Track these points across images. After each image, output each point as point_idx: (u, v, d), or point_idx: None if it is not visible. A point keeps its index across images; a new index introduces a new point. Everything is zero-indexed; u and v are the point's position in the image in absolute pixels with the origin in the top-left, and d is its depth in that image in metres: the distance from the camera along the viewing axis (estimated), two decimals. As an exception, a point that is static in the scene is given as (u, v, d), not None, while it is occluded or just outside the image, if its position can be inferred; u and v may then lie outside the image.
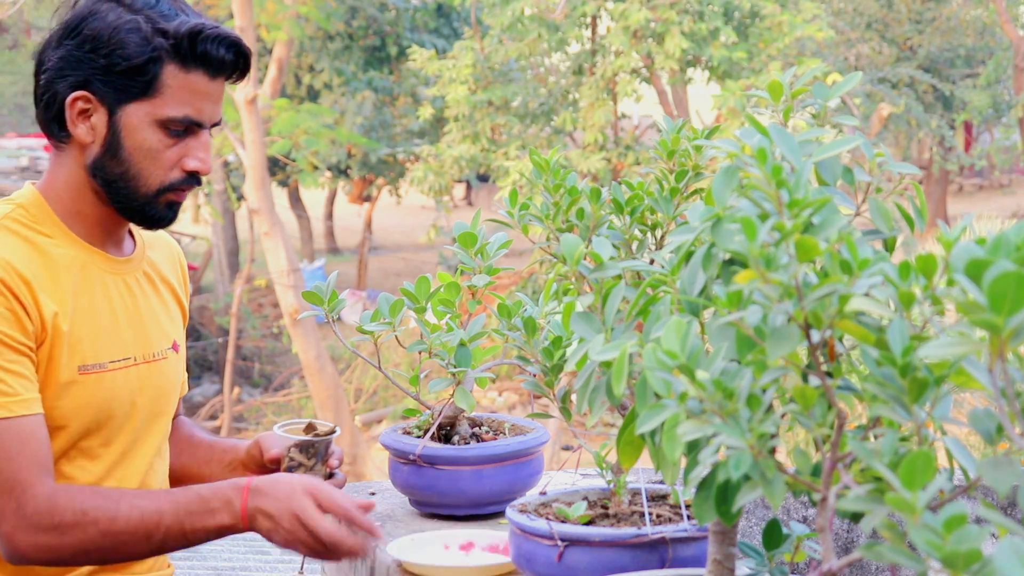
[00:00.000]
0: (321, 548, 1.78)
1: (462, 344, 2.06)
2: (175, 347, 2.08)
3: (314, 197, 23.92)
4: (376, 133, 17.80)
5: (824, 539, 1.12)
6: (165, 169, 1.89)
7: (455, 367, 2.05)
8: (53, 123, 1.90)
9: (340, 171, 19.00)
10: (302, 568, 2.11)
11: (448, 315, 2.10)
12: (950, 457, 1.12)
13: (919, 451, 0.96)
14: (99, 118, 1.87)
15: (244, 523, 1.79)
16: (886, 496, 0.98)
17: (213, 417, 14.49)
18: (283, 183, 19.02)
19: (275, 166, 16.03)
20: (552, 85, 13.47)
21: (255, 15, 11.66)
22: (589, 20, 13.05)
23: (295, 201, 20.52)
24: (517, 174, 11.37)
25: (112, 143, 1.87)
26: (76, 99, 1.86)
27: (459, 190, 27.85)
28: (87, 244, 1.93)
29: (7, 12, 12.72)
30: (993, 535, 2.08)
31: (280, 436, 2.02)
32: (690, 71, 13.50)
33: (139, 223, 1.96)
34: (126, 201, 1.91)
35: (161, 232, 2.13)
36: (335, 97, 17.71)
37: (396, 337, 2.14)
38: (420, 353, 2.08)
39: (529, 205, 1.74)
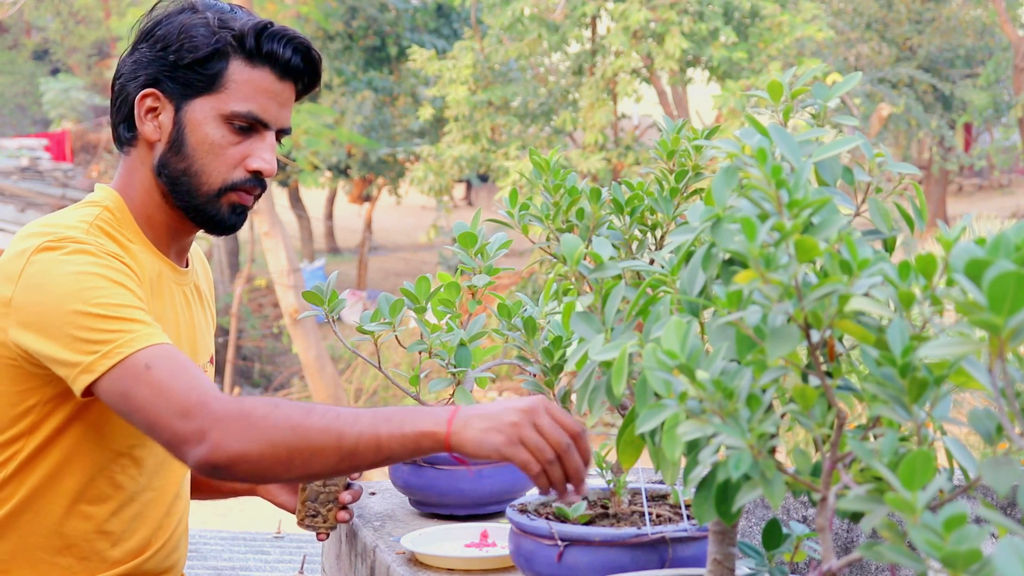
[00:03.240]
0: (552, 450, 1.57)
1: (462, 344, 2.06)
2: (212, 360, 2.09)
3: (314, 197, 23.91)
4: (376, 133, 17.81)
5: (824, 539, 1.12)
6: (228, 167, 1.88)
7: (455, 367, 2.05)
8: (122, 125, 1.91)
9: (340, 171, 19.01)
10: (302, 568, 2.11)
11: (448, 315, 2.10)
12: (950, 457, 1.12)
13: (919, 451, 0.97)
14: (166, 115, 1.88)
15: (449, 426, 1.62)
16: (886, 496, 0.98)
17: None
18: (283, 183, 19.02)
19: (275, 166, 16.00)
20: (552, 85, 13.47)
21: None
22: (589, 20, 13.06)
23: (295, 201, 20.53)
24: (517, 174, 11.37)
25: (177, 139, 1.87)
26: (145, 96, 1.87)
27: (459, 190, 27.85)
28: (158, 251, 1.93)
29: (7, 12, 12.72)
30: (993, 535, 2.08)
31: None
32: (690, 71, 13.51)
33: (204, 226, 1.93)
34: (188, 199, 1.89)
35: (199, 251, 2.13)
36: (335, 97, 17.71)
37: (396, 337, 2.14)
38: (420, 353, 2.08)
39: (529, 205, 1.74)
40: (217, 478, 1.69)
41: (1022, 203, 22.51)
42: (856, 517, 1.12)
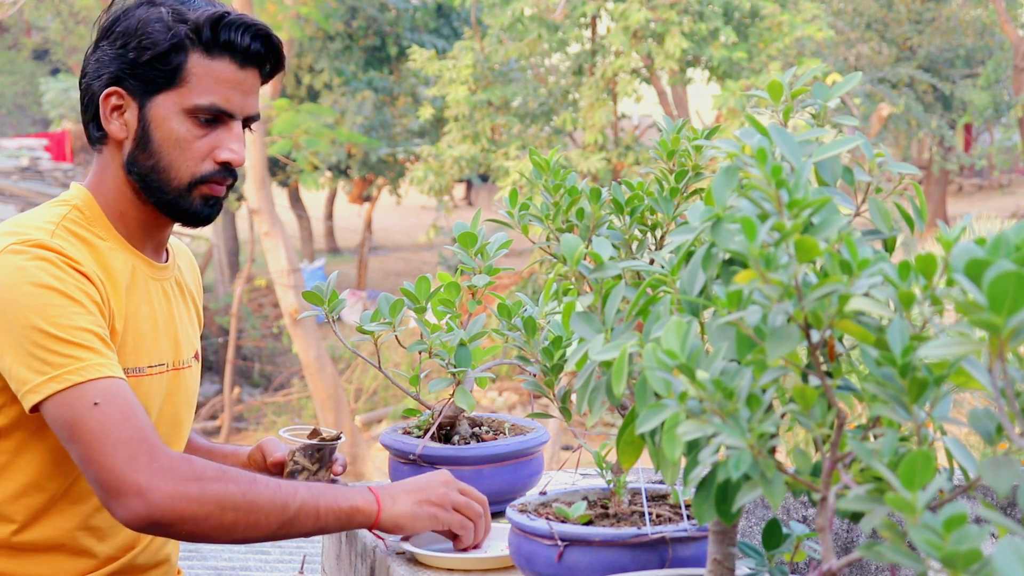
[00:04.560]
0: (472, 513, 1.85)
1: (462, 344, 2.06)
2: (197, 356, 2.08)
3: (314, 197, 23.91)
4: (376, 133, 17.80)
5: (824, 539, 1.12)
6: (196, 160, 1.87)
7: (455, 367, 2.05)
8: (91, 124, 1.91)
9: (340, 171, 19.01)
10: (302, 568, 2.11)
11: (448, 315, 2.10)
12: (950, 457, 1.12)
13: (919, 451, 0.97)
14: (131, 112, 1.88)
15: (378, 504, 1.79)
16: (886, 496, 0.98)
17: (213, 417, 14.49)
18: (283, 183, 19.01)
19: (275, 166, 16.03)
20: (552, 85, 13.47)
21: (255, 15, 11.65)
22: (589, 20, 13.05)
23: (295, 201, 20.52)
24: (517, 174, 11.37)
25: (143, 136, 1.87)
26: (109, 95, 1.88)
27: (459, 190, 27.85)
28: (132, 247, 1.93)
29: (7, 12, 12.72)
30: (993, 535, 2.08)
31: (285, 440, 2.02)
32: (690, 71, 13.50)
33: (178, 219, 1.94)
34: (159, 194, 1.89)
35: (183, 246, 2.13)
36: (335, 97, 17.71)
37: (396, 337, 2.14)
38: (420, 353, 2.08)
39: (529, 205, 1.74)
40: (149, 532, 1.70)
41: (1022, 203, 22.51)
42: (856, 517, 1.12)
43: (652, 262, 1.60)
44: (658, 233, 1.70)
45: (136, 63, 1.85)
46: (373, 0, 18.07)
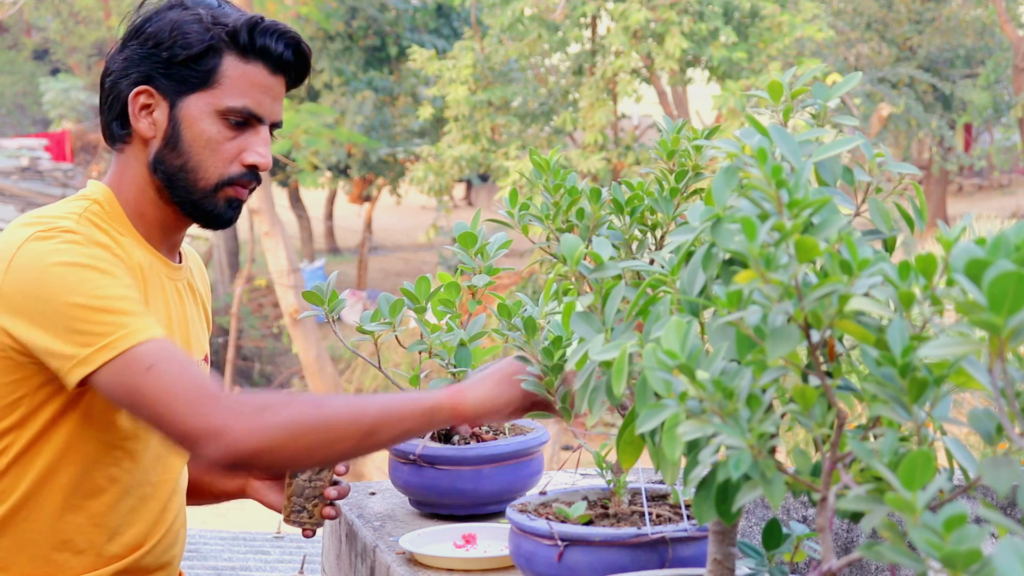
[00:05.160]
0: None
1: (462, 344, 2.06)
2: (206, 358, 2.08)
3: (314, 197, 23.92)
4: (376, 133, 17.81)
5: (824, 539, 1.12)
6: (224, 162, 1.89)
7: (455, 367, 2.05)
8: (115, 122, 1.92)
9: (340, 171, 19.01)
10: (302, 568, 2.11)
11: (448, 315, 2.11)
12: (950, 457, 1.12)
13: (919, 451, 0.97)
14: (161, 112, 1.88)
15: (459, 395, 1.73)
16: (886, 496, 0.98)
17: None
18: (283, 183, 19.02)
19: (275, 166, 16.03)
20: (552, 85, 13.47)
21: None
22: (589, 20, 13.06)
23: (295, 201, 20.53)
24: (517, 174, 11.37)
25: (172, 135, 1.88)
26: (138, 93, 1.88)
27: (459, 190, 27.84)
28: (150, 246, 1.94)
29: (7, 12, 12.72)
30: (993, 535, 2.08)
31: None
32: (690, 71, 13.51)
33: (200, 221, 1.94)
34: (185, 194, 1.90)
35: (192, 250, 2.14)
36: (335, 97, 17.71)
37: (396, 337, 2.14)
38: (420, 353, 2.08)
39: (529, 205, 1.74)
40: (236, 471, 1.71)
41: (1022, 203, 22.51)
42: (856, 517, 1.12)
43: (652, 262, 1.60)
44: (658, 233, 1.70)
45: (170, 63, 1.87)
46: (373, 0, 18.08)
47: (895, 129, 18.49)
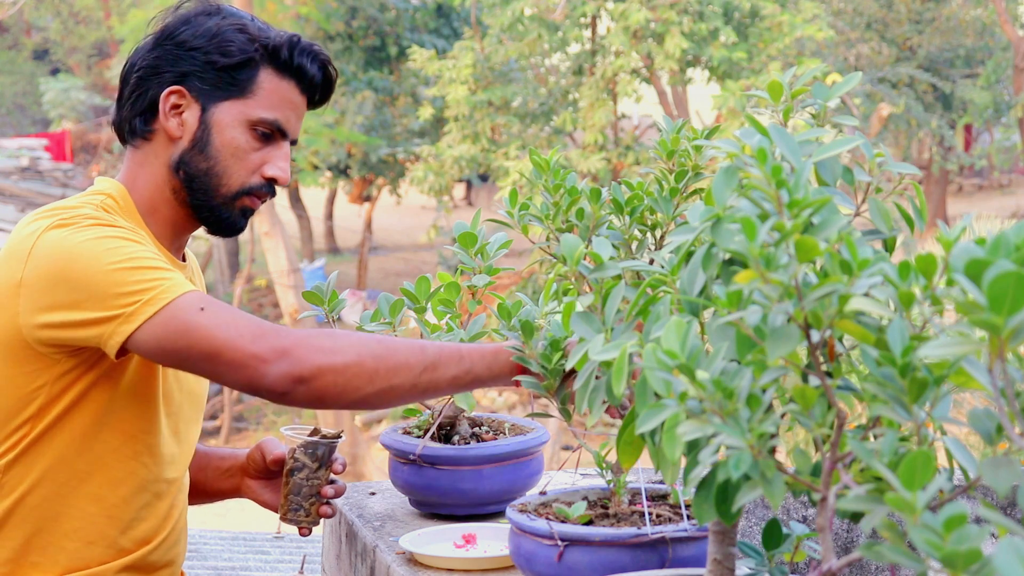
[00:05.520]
0: None
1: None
2: None
3: (314, 197, 23.92)
4: (376, 133, 17.81)
5: (824, 539, 1.12)
6: (248, 171, 1.92)
7: (455, 367, 2.05)
8: (139, 118, 1.93)
9: (340, 171, 19.01)
10: (302, 568, 2.11)
11: (448, 315, 2.10)
12: (950, 457, 1.12)
13: (919, 451, 0.97)
14: (191, 113, 1.91)
15: (510, 361, 1.73)
16: (886, 496, 0.98)
17: (213, 417, 14.49)
18: (283, 183, 18.98)
19: (275, 166, 16.00)
20: (552, 85, 13.47)
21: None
22: (589, 20, 13.06)
23: (295, 201, 20.52)
24: (517, 174, 11.37)
25: (202, 138, 1.90)
26: (171, 93, 1.90)
27: (459, 190, 27.84)
28: (160, 244, 1.94)
29: (7, 12, 12.72)
30: (993, 535, 2.08)
31: (286, 438, 2.02)
32: (690, 71, 13.51)
33: (211, 226, 1.96)
34: (204, 199, 1.92)
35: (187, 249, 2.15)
36: (335, 97, 17.70)
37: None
38: (420, 353, 2.08)
39: (529, 205, 1.74)
40: (296, 397, 1.72)
41: (1022, 203, 22.51)
42: (856, 517, 1.12)
43: (652, 262, 1.60)
44: (658, 233, 1.70)
45: (208, 67, 1.90)
46: (373, 0, 18.08)
47: (895, 129, 18.49)
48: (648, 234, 1.69)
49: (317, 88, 1.97)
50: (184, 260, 2.04)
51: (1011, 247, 0.93)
